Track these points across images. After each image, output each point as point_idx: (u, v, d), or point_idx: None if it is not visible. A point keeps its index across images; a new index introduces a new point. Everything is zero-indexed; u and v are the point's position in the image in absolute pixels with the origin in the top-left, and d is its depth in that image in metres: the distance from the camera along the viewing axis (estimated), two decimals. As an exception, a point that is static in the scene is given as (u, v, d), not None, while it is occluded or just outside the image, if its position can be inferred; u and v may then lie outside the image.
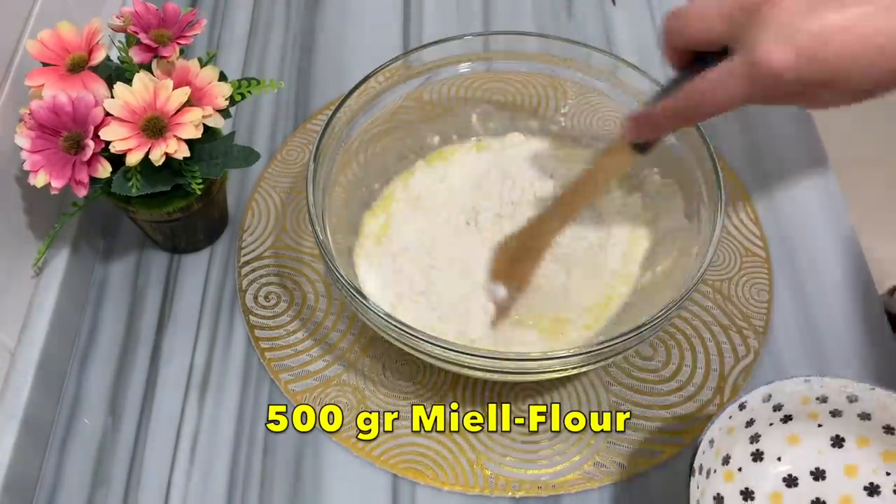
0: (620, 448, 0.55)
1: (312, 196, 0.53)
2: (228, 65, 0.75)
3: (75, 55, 0.53)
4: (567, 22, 0.78)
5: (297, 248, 0.64)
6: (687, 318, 0.60)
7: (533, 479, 0.54)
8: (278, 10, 0.80)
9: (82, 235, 0.62)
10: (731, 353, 0.59)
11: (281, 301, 0.61)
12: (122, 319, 0.61)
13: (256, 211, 0.66)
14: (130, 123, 0.51)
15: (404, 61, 0.60)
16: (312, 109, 0.72)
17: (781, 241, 0.64)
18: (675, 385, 0.57)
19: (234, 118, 0.71)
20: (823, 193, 0.67)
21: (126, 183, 0.52)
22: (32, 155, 0.50)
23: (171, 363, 0.59)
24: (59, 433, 0.56)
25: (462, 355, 0.48)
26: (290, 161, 0.69)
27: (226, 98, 0.54)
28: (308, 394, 0.57)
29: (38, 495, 0.54)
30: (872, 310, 0.60)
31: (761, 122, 0.71)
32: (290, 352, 0.59)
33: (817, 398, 0.47)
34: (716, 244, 0.51)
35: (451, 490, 0.53)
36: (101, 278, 0.63)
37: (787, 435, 0.49)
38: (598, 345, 0.47)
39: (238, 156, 0.56)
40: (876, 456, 0.48)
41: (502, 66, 0.62)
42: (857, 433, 0.48)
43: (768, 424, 0.48)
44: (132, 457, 0.55)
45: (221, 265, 0.64)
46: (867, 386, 0.46)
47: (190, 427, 0.56)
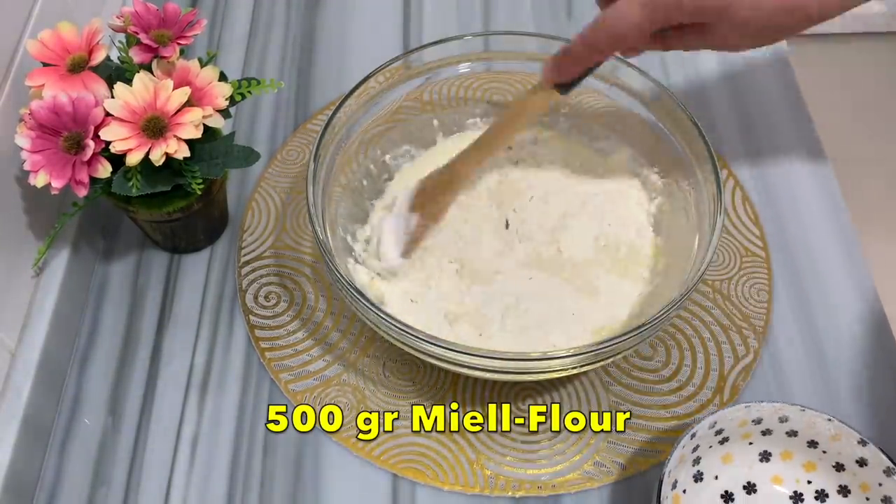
0: (620, 448, 0.55)
1: (312, 196, 0.53)
2: (228, 65, 0.75)
3: (75, 55, 0.53)
4: (567, 22, 0.78)
5: (297, 248, 0.64)
6: (687, 318, 0.60)
7: (533, 478, 0.54)
8: (278, 10, 0.80)
9: (82, 235, 0.62)
10: (730, 352, 0.59)
11: (281, 301, 0.61)
12: (122, 319, 0.61)
13: (256, 211, 0.66)
14: (130, 123, 0.51)
15: (404, 61, 0.60)
16: (312, 109, 0.72)
17: (781, 241, 0.64)
18: (675, 385, 0.57)
19: (234, 118, 0.71)
20: (823, 193, 0.67)
21: (126, 183, 0.52)
22: (33, 155, 0.50)
23: (171, 363, 0.59)
24: (59, 433, 0.56)
25: (462, 355, 0.48)
26: (290, 161, 0.69)
27: (226, 98, 0.54)
28: (308, 394, 0.57)
29: (38, 495, 0.54)
30: (872, 309, 0.60)
31: (761, 121, 0.71)
32: (290, 352, 0.59)
33: (753, 420, 0.50)
34: (715, 244, 0.51)
35: (451, 490, 0.53)
36: (101, 278, 0.63)
37: (723, 455, 0.52)
38: (598, 345, 0.47)
39: (238, 156, 0.56)
40: (798, 466, 0.52)
41: (502, 66, 0.62)
42: (783, 448, 0.52)
43: (708, 447, 0.51)
44: (132, 457, 0.55)
45: (221, 265, 0.64)
46: (798, 408, 0.49)
47: (190, 427, 0.56)
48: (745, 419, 0.50)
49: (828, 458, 0.51)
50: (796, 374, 0.58)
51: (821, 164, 0.68)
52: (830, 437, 0.50)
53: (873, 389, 0.57)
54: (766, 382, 0.57)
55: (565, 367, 0.49)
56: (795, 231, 0.65)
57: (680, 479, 0.50)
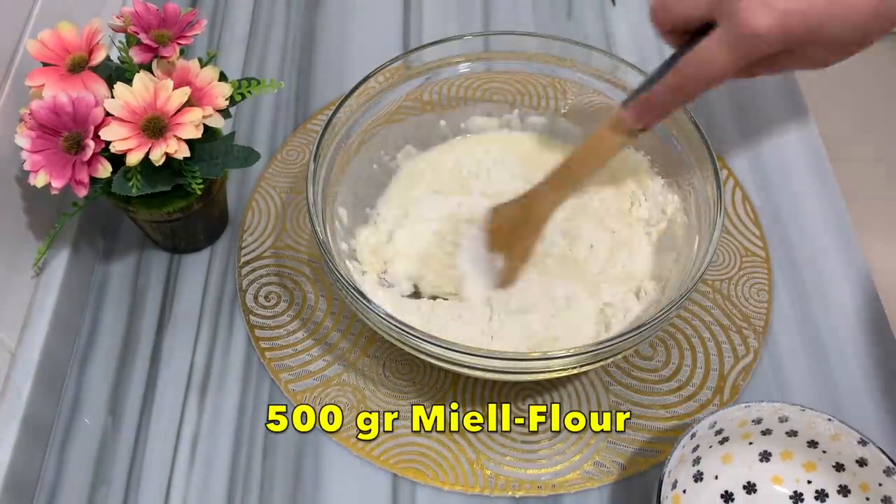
0: (620, 448, 0.55)
1: (312, 196, 0.53)
2: (228, 65, 0.75)
3: (76, 55, 0.53)
4: (567, 22, 0.78)
5: (296, 248, 0.64)
6: (687, 318, 0.60)
7: (533, 478, 0.54)
8: (278, 10, 0.80)
9: (82, 235, 0.62)
10: (730, 352, 0.59)
11: (281, 301, 0.61)
12: (122, 319, 0.61)
13: (256, 211, 0.66)
14: (130, 123, 0.51)
15: (404, 61, 0.60)
16: (312, 109, 0.72)
17: (781, 241, 0.64)
18: (675, 385, 0.57)
19: (234, 118, 0.71)
20: (823, 193, 0.67)
21: (126, 183, 0.52)
22: (33, 155, 0.50)
23: (171, 363, 0.59)
24: (59, 433, 0.56)
25: (462, 355, 0.48)
26: (290, 161, 0.69)
27: (226, 98, 0.54)
28: (308, 394, 0.57)
29: (38, 495, 0.54)
30: (872, 309, 0.60)
31: (761, 121, 0.71)
32: (290, 352, 0.59)
33: (753, 420, 0.50)
34: (715, 244, 0.51)
35: (451, 490, 0.53)
36: (101, 278, 0.63)
37: (723, 455, 0.52)
38: (598, 345, 0.47)
39: (238, 156, 0.56)
40: (798, 466, 0.52)
41: (502, 66, 0.62)
42: (782, 448, 0.52)
43: (708, 447, 0.51)
44: (132, 457, 0.55)
45: (221, 265, 0.64)
46: (798, 407, 0.49)
47: (190, 427, 0.56)
48: (745, 419, 0.50)
49: (828, 458, 0.51)
50: (796, 374, 0.58)
51: (821, 163, 0.68)
52: (830, 437, 0.50)
53: (873, 389, 0.57)
54: (766, 382, 0.57)
55: (565, 368, 0.49)
56: (795, 231, 0.65)
57: (680, 479, 0.50)
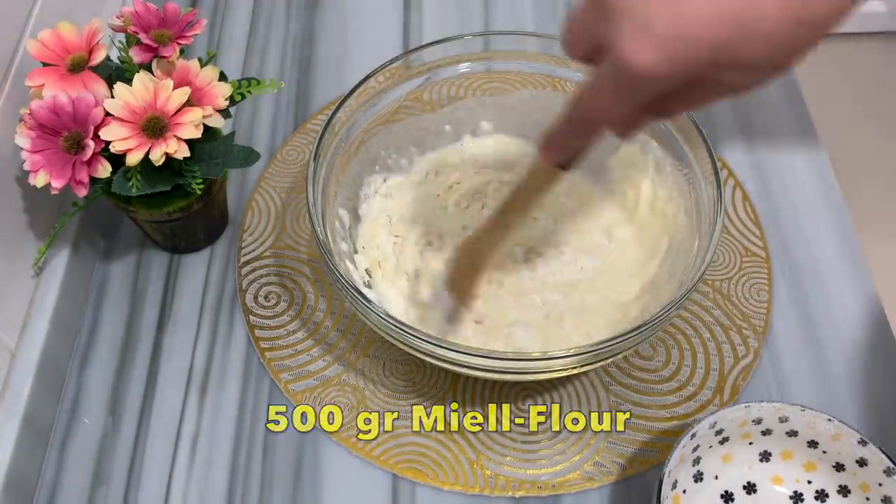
0: (620, 448, 0.55)
1: (312, 196, 0.53)
2: (228, 65, 0.75)
3: (75, 55, 0.53)
4: (567, 22, 0.78)
5: (296, 248, 0.64)
6: (687, 318, 0.60)
7: (533, 478, 0.54)
8: (278, 10, 0.80)
9: (82, 235, 0.62)
10: (730, 352, 0.59)
11: (281, 301, 0.61)
12: (122, 319, 0.61)
13: (256, 211, 0.66)
14: (130, 123, 0.51)
15: (404, 61, 0.60)
16: (312, 109, 0.72)
17: (781, 241, 0.64)
18: (675, 385, 0.57)
19: (234, 118, 0.71)
20: (823, 193, 0.67)
21: (126, 183, 0.52)
22: (32, 155, 0.50)
23: (171, 363, 0.59)
24: (59, 433, 0.56)
25: (461, 355, 0.48)
26: (290, 161, 0.69)
27: (226, 98, 0.54)
28: (308, 394, 0.57)
29: (38, 495, 0.54)
30: (872, 309, 0.60)
31: (761, 121, 0.71)
32: (290, 352, 0.59)
33: (753, 420, 0.50)
34: (716, 244, 0.51)
35: (451, 490, 0.53)
36: (101, 278, 0.63)
37: (723, 455, 0.52)
38: (598, 345, 0.47)
39: (238, 156, 0.56)
40: (799, 466, 0.52)
41: (502, 66, 0.62)
42: (782, 448, 0.52)
43: (708, 447, 0.51)
44: (132, 457, 0.55)
45: (221, 265, 0.64)
46: (798, 407, 0.49)
47: (190, 427, 0.56)
48: (745, 419, 0.50)
49: (828, 458, 0.51)
50: (796, 374, 0.58)
51: (821, 164, 0.68)
52: (830, 437, 0.50)
53: (873, 389, 0.57)
54: (766, 382, 0.57)
55: (565, 368, 0.49)
56: (795, 231, 0.65)
57: (680, 479, 0.50)
